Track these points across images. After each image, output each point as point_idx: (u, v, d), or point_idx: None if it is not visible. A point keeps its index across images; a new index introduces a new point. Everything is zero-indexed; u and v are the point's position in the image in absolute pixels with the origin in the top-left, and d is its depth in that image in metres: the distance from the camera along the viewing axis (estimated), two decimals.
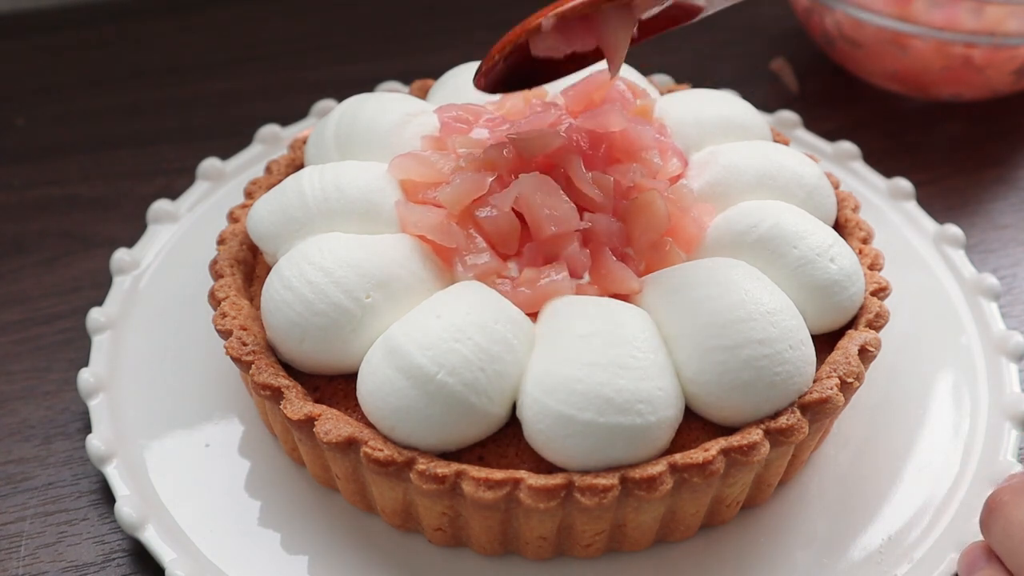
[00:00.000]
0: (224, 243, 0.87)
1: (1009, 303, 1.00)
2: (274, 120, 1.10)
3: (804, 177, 0.87)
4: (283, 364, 0.78)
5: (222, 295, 0.82)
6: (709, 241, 0.82)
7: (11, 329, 0.96)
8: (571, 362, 0.72)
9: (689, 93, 0.97)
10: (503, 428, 0.74)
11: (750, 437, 0.73)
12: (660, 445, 0.72)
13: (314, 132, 0.92)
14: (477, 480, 0.71)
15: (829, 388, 0.75)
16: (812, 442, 0.82)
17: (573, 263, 0.77)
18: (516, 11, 1.35)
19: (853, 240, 0.87)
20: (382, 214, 0.81)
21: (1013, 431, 0.86)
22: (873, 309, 0.81)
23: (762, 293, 0.75)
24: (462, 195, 0.79)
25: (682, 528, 0.78)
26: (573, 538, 0.76)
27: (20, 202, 1.09)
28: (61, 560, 0.80)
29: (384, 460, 0.72)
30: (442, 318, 0.73)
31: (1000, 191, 1.12)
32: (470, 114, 0.88)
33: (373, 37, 1.31)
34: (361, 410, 0.75)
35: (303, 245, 0.79)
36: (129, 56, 1.28)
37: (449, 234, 0.78)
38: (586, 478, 0.71)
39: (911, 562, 0.78)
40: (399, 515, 0.78)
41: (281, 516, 0.80)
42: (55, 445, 0.87)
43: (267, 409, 0.81)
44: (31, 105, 1.21)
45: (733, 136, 0.91)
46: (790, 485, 0.83)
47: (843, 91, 1.24)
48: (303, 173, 0.85)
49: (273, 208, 0.83)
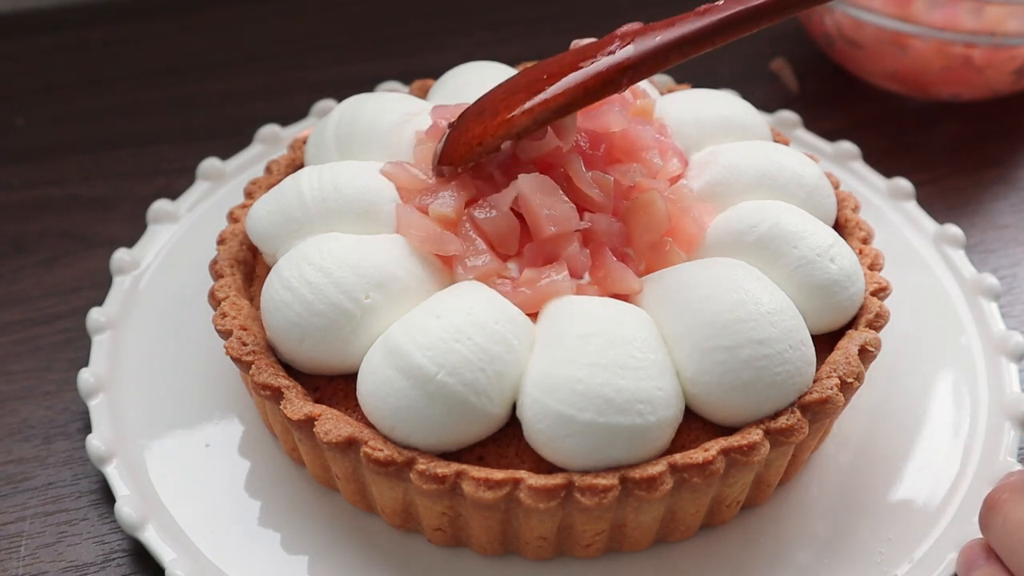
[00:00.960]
0: (224, 243, 0.87)
1: (1009, 303, 1.00)
2: (274, 120, 1.10)
3: (804, 177, 0.87)
4: (283, 364, 0.78)
5: (222, 295, 0.82)
6: (709, 241, 0.82)
7: (11, 329, 0.96)
8: (571, 362, 0.72)
9: (689, 93, 0.97)
10: (503, 428, 0.74)
11: (750, 437, 0.73)
12: (660, 445, 0.72)
13: (314, 132, 0.92)
14: (477, 480, 0.71)
15: (829, 388, 0.75)
16: (812, 442, 0.82)
17: (573, 263, 0.77)
18: (516, 11, 1.35)
19: (853, 240, 0.87)
20: (381, 214, 0.81)
21: (1013, 431, 0.86)
22: (873, 309, 0.81)
23: (762, 293, 0.75)
24: (448, 210, 0.79)
25: (682, 528, 0.78)
26: (573, 538, 0.76)
27: (20, 202, 1.09)
28: (61, 560, 0.80)
29: (384, 460, 0.72)
30: (442, 318, 0.73)
31: (1000, 191, 1.12)
32: None
33: (373, 37, 1.31)
34: (361, 410, 0.75)
35: (302, 245, 0.79)
36: (129, 56, 1.28)
37: (443, 243, 0.78)
38: (586, 478, 0.71)
39: (911, 562, 0.78)
40: (399, 515, 0.78)
41: (281, 516, 0.80)
42: (55, 445, 0.87)
43: (267, 409, 0.81)
44: (31, 105, 1.21)
45: (733, 136, 0.91)
46: (790, 485, 0.83)
47: (843, 91, 1.24)
48: (302, 173, 0.85)
49: (272, 208, 0.83)
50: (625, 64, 0.76)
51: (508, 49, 1.17)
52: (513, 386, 0.73)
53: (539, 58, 1.05)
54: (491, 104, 0.81)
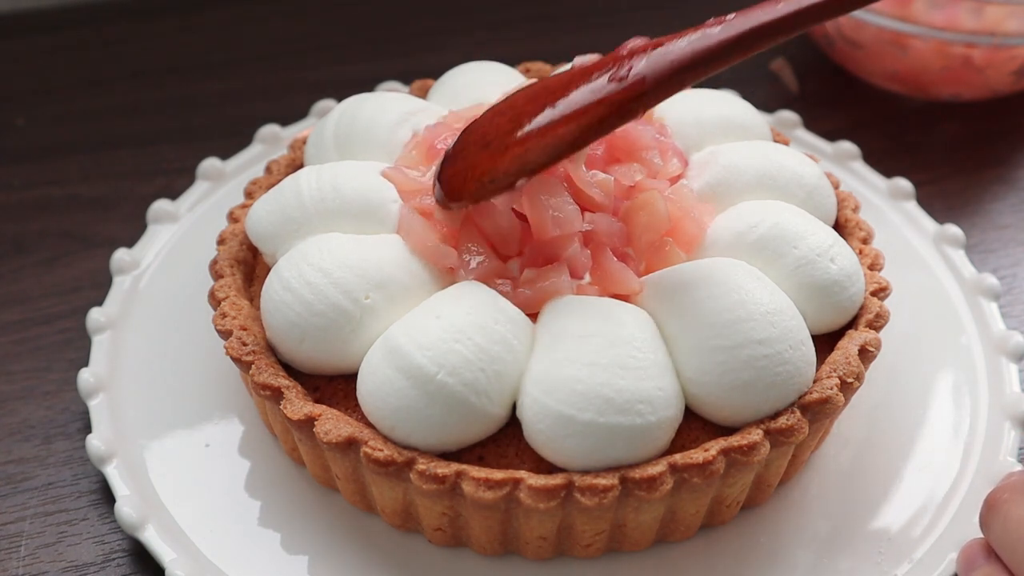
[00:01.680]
0: (224, 243, 0.87)
1: (1009, 303, 1.00)
2: (274, 120, 1.10)
3: (804, 177, 0.87)
4: (283, 364, 0.78)
5: (222, 295, 0.82)
6: (709, 241, 0.82)
7: (11, 329, 0.96)
8: (571, 362, 0.72)
9: (689, 93, 0.96)
10: (503, 428, 0.74)
11: (750, 437, 0.73)
12: (660, 445, 0.72)
13: (314, 132, 0.92)
14: (477, 480, 0.71)
15: (829, 388, 0.75)
16: (812, 442, 0.82)
17: (574, 263, 0.77)
18: (516, 11, 1.35)
19: (853, 240, 0.87)
20: (380, 214, 0.81)
21: (1013, 431, 0.86)
22: (873, 309, 0.81)
23: (762, 293, 0.75)
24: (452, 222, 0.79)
25: (682, 528, 0.78)
26: (573, 538, 0.76)
27: (20, 202, 1.09)
28: (61, 560, 0.80)
29: (384, 460, 0.72)
30: (442, 318, 0.73)
31: (1000, 191, 1.12)
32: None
33: (373, 37, 1.31)
34: (361, 410, 0.75)
35: (302, 245, 0.79)
36: (129, 56, 1.28)
37: (441, 256, 0.78)
38: (586, 478, 0.71)
39: (911, 562, 0.78)
40: (399, 515, 0.78)
41: (281, 516, 0.80)
42: (55, 445, 0.87)
43: (267, 409, 0.81)
44: (31, 105, 1.21)
45: (733, 136, 0.91)
46: (790, 485, 0.83)
47: (843, 91, 1.24)
48: (301, 173, 0.84)
49: (271, 208, 0.83)
50: (640, 90, 0.73)
51: (508, 49, 1.17)
52: (513, 386, 0.73)
53: (538, 58, 1.06)
54: (496, 135, 0.77)
